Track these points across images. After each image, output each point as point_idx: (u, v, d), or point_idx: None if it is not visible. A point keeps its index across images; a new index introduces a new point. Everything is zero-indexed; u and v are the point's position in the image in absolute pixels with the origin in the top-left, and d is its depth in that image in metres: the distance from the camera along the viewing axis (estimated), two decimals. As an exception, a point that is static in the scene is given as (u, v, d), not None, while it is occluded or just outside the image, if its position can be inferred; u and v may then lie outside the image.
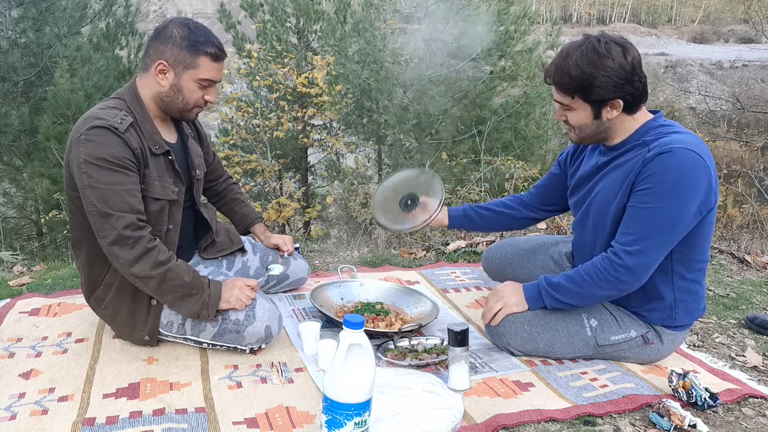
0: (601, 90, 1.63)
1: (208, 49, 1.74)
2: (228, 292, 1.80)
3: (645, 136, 1.71)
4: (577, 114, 1.72)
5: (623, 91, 1.64)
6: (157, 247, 1.70)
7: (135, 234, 1.66)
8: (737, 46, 38.94)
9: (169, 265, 1.70)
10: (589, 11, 58.93)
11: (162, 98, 1.79)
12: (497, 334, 1.89)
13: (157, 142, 1.79)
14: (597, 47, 1.62)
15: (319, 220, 9.42)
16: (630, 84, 1.64)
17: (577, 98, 1.68)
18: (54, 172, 7.17)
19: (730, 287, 2.67)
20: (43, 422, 1.49)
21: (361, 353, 1.28)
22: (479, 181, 5.94)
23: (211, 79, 1.78)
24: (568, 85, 1.66)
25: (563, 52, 1.69)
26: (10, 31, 7.88)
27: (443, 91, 7.32)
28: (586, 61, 1.62)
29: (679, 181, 1.60)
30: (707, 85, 23.88)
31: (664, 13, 58.28)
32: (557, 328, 1.83)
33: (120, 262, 1.68)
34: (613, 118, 1.70)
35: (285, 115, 9.95)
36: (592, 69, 1.61)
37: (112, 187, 1.65)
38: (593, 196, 1.84)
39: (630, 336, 1.84)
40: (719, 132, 11.52)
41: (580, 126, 1.74)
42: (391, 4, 8.61)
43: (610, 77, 1.61)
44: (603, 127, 1.73)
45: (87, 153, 1.64)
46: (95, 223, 1.67)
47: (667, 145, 1.62)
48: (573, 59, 1.63)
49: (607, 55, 1.61)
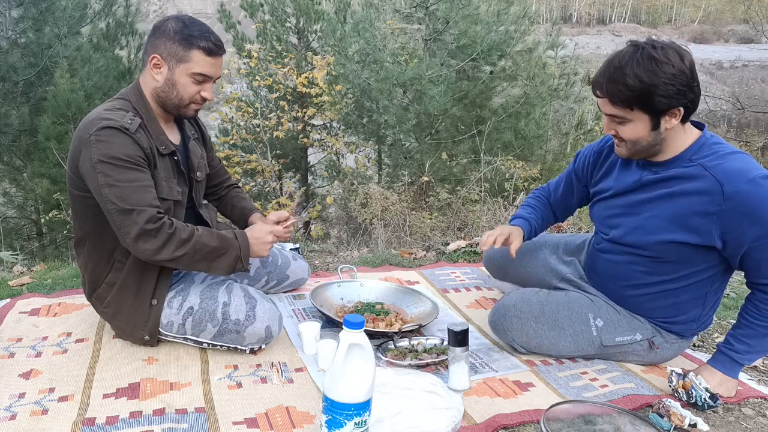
0: (664, 99, 1.54)
1: (201, 42, 1.73)
2: (257, 245, 1.82)
3: (701, 158, 1.62)
4: (634, 126, 1.61)
5: (685, 98, 1.55)
6: (177, 229, 1.70)
7: (156, 225, 1.66)
8: (737, 46, 38.94)
9: (194, 239, 1.71)
10: (589, 11, 58.92)
11: (158, 94, 1.78)
12: (502, 331, 1.91)
13: (163, 143, 1.80)
14: (653, 54, 1.53)
15: (319, 220, 9.41)
16: (691, 90, 1.56)
17: (636, 110, 1.58)
18: (54, 172, 7.16)
19: (730, 287, 2.67)
20: (43, 422, 1.49)
21: (361, 353, 1.28)
22: (479, 181, 5.93)
23: (205, 74, 1.76)
24: (627, 97, 1.56)
25: (613, 62, 1.58)
26: (10, 31, 7.88)
27: (443, 91, 7.31)
28: (644, 69, 1.52)
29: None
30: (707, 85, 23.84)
31: (664, 13, 58.31)
32: (563, 326, 1.84)
33: (147, 254, 1.68)
34: (671, 128, 1.60)
35: (285, 115, 9.94)
36: (653, 78, 1.52)
37: (130, 184, 1.65)
38: (645, 219, 1.72)
39: (635, 339, 1.84)
40: (719, 132, 11.52)
41: (636, 139, 1.63)
42: (391, 4, 8.60)
43: (673, 84, 1.52)
44: (659, 139, 1.63)
45: (100, 153, 1.64)
46: (116, 220, 1.66)
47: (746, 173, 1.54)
48: (629, 69, 1.53)
49: (666, 61, 1.52)
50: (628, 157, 1.73)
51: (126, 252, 1.78)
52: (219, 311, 1.81)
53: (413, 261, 2.92)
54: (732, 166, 1.57)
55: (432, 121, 7.70)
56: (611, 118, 1.64)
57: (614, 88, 1.57)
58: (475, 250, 3.01)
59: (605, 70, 1.59)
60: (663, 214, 1.67)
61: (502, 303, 1.95)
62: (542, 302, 1.89)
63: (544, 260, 2.15)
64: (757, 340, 1.65)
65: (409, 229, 5.16)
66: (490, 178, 6.37)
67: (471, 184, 6.07)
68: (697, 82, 1.57)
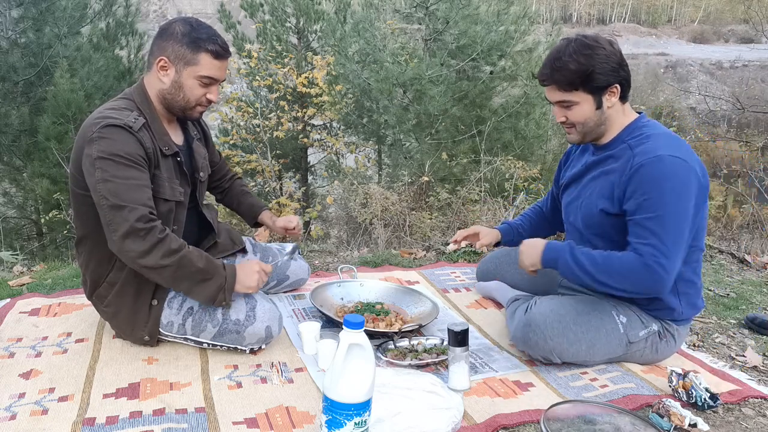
0: (602, 76, 1.71)
1: (209, 46, 1.74)
2: (245, 276, 1.78)
3: (630, 138, 1.78)
4: (580, 108, 1.77)
5: (619, 75, 1.74)
6: (169, 236, 1.67)
7: (147, 225, 1.64)
8: (737, 46, 38.95)
9: (182, 253, 1.68)
10: (589, 11, 58.92)
11: (164, 96, 1.79)
12: (540, 341, 1.79)
13: (167, 143, 1.80)
14: (586, 41, 1.73)
15: (319, 220, 9.41)
16: (623, 69, 1.75)
17: (580, 91, 1.74)
18: (54, 172, 7.15)
19: (730, 287, 2.67)
20: (43, 422, 1.49)
21: (361, 353, 1.28)
22: (479, 181, 5.93)
23: (212, 77, 1.77)
24: (570, 79, 1.72)
25: (553, 54, 1.76)
26: (10, 31, 7.87)
27: (443, 91, 7.30)
28: (581, 54, 1.71)
29: (672, 187, 1.66)
30: (707, 85, 23.87)
31: (664, 13, 58.31)
32: (598, 326, 1.80)
33: (132, 255, 1.64)
34: (612, 106, 1.77)
35: (285, 115, 9.94)
36: (590, 60, 1.70)
37: (126, 182, 1.64)
38: (585, 196, 1.88)
39: (653, 330, 1.84)
40: (719, 132, 11.51)
41: (584, 120, 1.79)
42: (391, 4, 8.60)
43: (608, 62, 1.71)
44: (603, 119, 1.79)
45: (101, 149, 1.63)
46: (106, 216, 1.64)
47: (650, 153, 1.69)
48: (567, 55, 1.72)
49: (597, 45, 1.72)
50: (579, 142, 1.88)
51: None
52: (219, 311, 1.81)
53: (413, 261, 2.92)
54: (652, 144, 1.72)
55: (432, 121, 7.70)
56: (560, 104, 1.80)
57: (558, 75, 1.74)
58: (475, 250, 3.01)
59: (547, 62, 1.78)
60: (597, 189, 1.83)
61: (529, 315, 1.84)
62: (573, 305, 1.84)
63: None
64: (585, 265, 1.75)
65: (409, 229, 5.16)
66: (490, 178, 6.36)
67: (471, 184, 6.06)
68: (626, 64, 1.77)
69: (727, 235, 4.32)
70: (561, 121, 1.84)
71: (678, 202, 1.66)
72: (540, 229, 2.29)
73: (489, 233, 2.23)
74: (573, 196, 1.97)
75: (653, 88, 22.59)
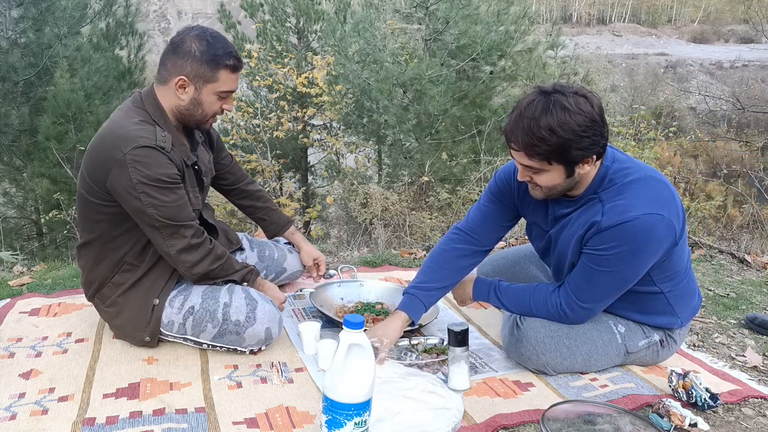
0: (580, 151, 1.53)
1: (227, 61, 1.75)
2: (264, 288, 1.98)
3: (602, 189, 1.64)
4: (549, 175, 1.59)
5: (598, 145, 1.55)
6: (215, 245, 1.84)
7: (200, 240, 1.78)
8: (737, 46, 38.98)
9: (225, 257, 1.86)
10: (589, 11, 58.94)
11: (181, 111, 1.80)
12: (535, 354, 1.76)
13: (186, 154, 1.83)
14: (565, 104, 1.50)
15: (319, 220, 9.41)
16: (602, 137, 1.55)
17: (553, 163, 1.56)
18: (54, 172, 7.15)
19: (730, 287, 2.67)
20: (43, 422, 1.49)
21: (361, 353, 1.28)
22: (479, 181, 5.93)
23: (230, 91, 1.80)
24: (544, 151, 1.53)
25: (527, 113, 1.53)
26: (10, 31, 7.88)
27: (443, 91, 7.31)
28: (558, 123, 1.49)
29: (638, 249, 1.59)
30: (707, 85, 23.87)
31: (664, 13, 58.33)
32: (593, 337, 1.78)
33: (186, 265, 1.78)
34: (585, 172, 1.61)
35: (285, 115, 9.94)
36: (568, 133, 1.50)
37: (175, 203, 1.72)
38: (555, 247, 1.79)
39: (654, 339, 1.84)
40: (719, 132, 11.51)
41: (552, 186, 1.63)
42: (391, 4, 8.60)
43: (588, 136, 1.51)
44: (574, 183, 1.64)
45: (141, 175, 1.66)
46: (162, 235, 1.73)
47: (619, 216, 1.57)
48: (545, 122, 1.50)
49: (578, 111, 1.50)
50: (543, 198, 1.72)
51: (139, 256, 1.81)
52: (220, 312, 1.81)
53: (413, 261, 2.92)
54: (624, 203, 1.59)
55: (432, 121, 7.70)
56: (526, 168, 1.62)
57: (530, 143, 1.53)
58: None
59: (518, 121, 1.55)
60: (566, 242, 1.72)
61: (522, 329, 1.79)
62: None
63: (535, 277, 2.12)
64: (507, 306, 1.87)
65: (409, 229, 5.17)
66: (490, 178, 6.37)
67: (471, 184, 6.07)
68: (606, 126, 1.57)
69: (727, 235, 4.32)
70: (526, 180, 1.66)
71: (634, 263, 1.61)
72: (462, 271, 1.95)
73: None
74: (543, 242, 1.85)
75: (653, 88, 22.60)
